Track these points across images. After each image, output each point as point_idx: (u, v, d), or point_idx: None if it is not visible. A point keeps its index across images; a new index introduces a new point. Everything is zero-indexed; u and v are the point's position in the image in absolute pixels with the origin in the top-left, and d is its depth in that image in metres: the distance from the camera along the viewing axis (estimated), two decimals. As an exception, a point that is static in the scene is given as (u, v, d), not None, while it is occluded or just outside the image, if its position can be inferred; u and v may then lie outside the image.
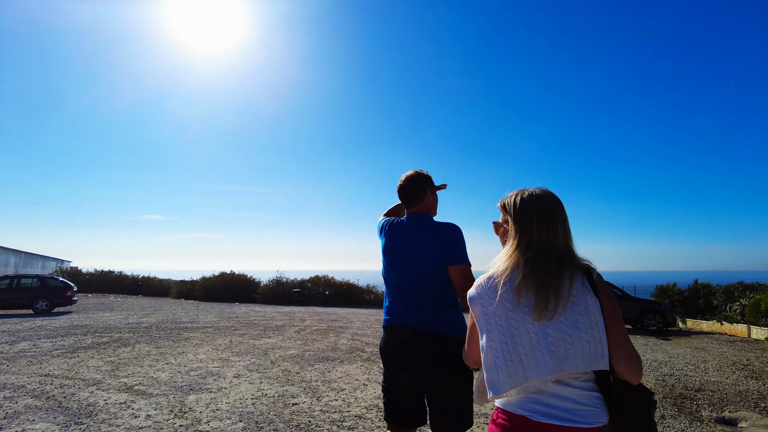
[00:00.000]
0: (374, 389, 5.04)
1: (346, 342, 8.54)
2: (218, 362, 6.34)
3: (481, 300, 1.27)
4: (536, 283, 1.21)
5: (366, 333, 9.97)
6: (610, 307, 1.22)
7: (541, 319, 1.18)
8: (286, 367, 6.08)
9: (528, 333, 1.19)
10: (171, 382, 5.12)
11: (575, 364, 1.16)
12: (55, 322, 11.12)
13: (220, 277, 24.85)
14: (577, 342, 1.16)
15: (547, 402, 1.18)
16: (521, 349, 1.18)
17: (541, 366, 1.16)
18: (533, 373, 1.16)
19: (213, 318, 12.90)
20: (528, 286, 1.22)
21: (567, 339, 1.17)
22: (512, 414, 1.22)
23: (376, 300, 22.86)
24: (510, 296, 1.23)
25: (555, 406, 1.17)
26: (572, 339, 1.17)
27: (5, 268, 29.95)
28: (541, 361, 1.16)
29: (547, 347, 1.17)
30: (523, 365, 1.17)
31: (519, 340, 1.19)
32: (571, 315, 1.19)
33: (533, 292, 1.21)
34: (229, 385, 5.10)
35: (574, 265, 1.26)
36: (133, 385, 5.00)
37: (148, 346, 7.68)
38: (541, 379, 1.16)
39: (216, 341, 8.32)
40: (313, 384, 5.22)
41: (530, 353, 1.17)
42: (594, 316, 1.19)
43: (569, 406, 1.17)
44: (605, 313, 1.21)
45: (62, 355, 6.72)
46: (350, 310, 17.92)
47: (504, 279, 1.25)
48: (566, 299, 1.20)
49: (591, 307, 1.20)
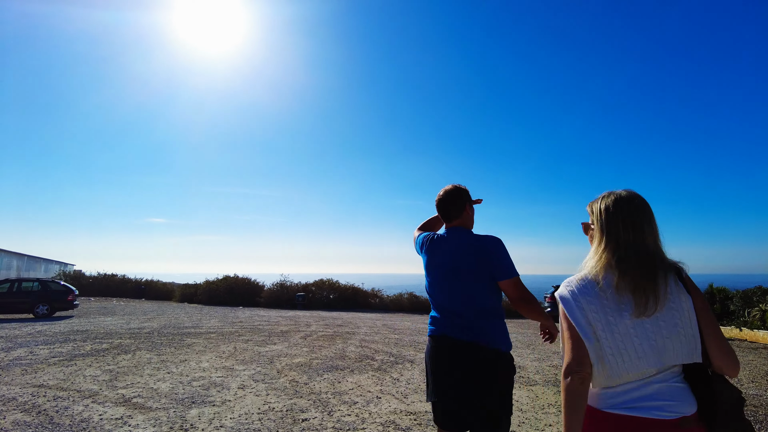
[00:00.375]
0: (389, 403, 4.70)
1: (354, 349, 8.19)
2: (222, 371, 6.02)
3: (576, 301, 1.33)
4: (633, 283, 1.28)
5: (374, 339, 9.62)
6: (701, 304, 1.30)
7: (640, 317, 1.25)
8: (293, 377, 5.75)
9: (627, 329, 1.26)
10: (172, 394, 4.80)
11: (674, 357, 1.25)
12: (54, 327, 10.84)
13: (223, 281, 24.57)
14: (675, 337, 1.24)
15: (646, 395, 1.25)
16: (622, 344, 1.25)
17: (643, 359, 1.24)
18: (635, 365, 1.24)
19: (216, 323, 12.58)
20: (625, 285, 1.28)
21: (665, 334, 1.25)
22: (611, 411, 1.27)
23: (381, 304, 22.52)
24: (608, 296, 1.30)
25: (653, 398, 1.24)
26: (669, 334, 1.24)
27: (7, 272, 29.79)
28: (642, 355, 1.24)
29: (647, 342, 1.24)
30: (624, 359, 1.24)
31: (619, 336, 1.26)
32: (668, 312, 1.26)
33: (631, 292, 1.27)
34: (233, 397, 4.77)
35: (666, 265, 1.32)
36: (132, 397, 4.68)
37: (149, 353, 7.36)
38: (642, 371, 1.25)
39: (219, 348, 8.00)
40: (323, 396, 4.88)
41: (631, 348, 1.25)
42: (688, 313, 1.26)
43: (665, 397, 1.24)
44: (698, 310, 1.28)
45: (59, 363, 6.42)
46: (356, 315, 17.58)
47: (600, 279, 1.32)
48: (663, 298, 1.26)
49: (685, 305, 1.27)
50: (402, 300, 22.14)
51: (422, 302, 21.68)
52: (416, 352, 8.07)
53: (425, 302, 21.62)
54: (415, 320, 15.59)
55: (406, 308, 21.58)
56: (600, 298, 1.29)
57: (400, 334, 10.64)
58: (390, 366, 6.66)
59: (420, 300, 21.85)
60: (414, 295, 22.21)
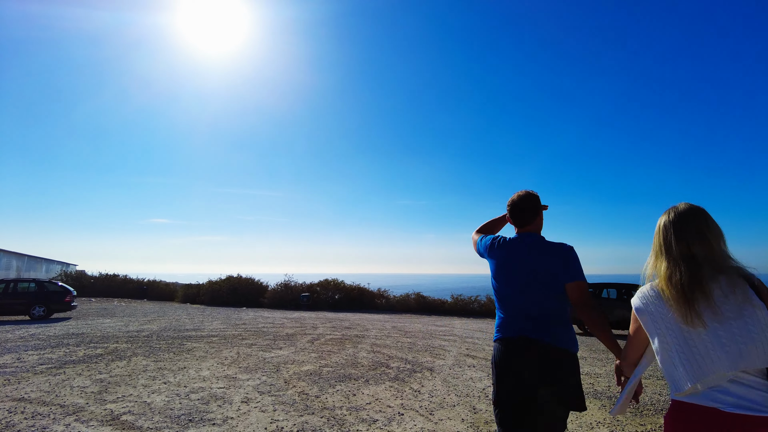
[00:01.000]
0: (413, 421, 4.13)
1: (366, 355, 7.62)
2: (224, 381, 5.46)
3: (648, 308, 1.45)
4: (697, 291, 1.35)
5: (386, 344, 9.04)
6: None
7: (705, 326, 1.32)
8: (302, 388, 5.18)
9: (699, 335, 1.32)
10: (166, 410, 4.25)
11: (750, 362, 1.28)
12: (49, 330, 10.33)
13: (226, 281, 24.04)
14: (750, 342, 1.28)
15: (731, 392, 1.30)
16: (695, 349, 1.32)
17: (716, 363, 1.29)
18: (709, 369, 1.29)
19: (219, 325, 12.04)
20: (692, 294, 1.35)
21: (739, 340, 1.29)
22: (698, 405, 1.32)
23: (388, 305, 21.93)
24: (677, 306, 1.37)
25: (737, 396, 1.29)
26: (744, 340, 1.28)
27: (6, 272, 29.37)
28: (716, 359, 1.29)
29: (721, 347, 1.29)
30: (698, 363, 1.31)
31: (692, 341, 1.33)
32: (740, 319, 1.30)
33: (698, 299, 1.34)
34: (236, 413, 4.21)
35: (734, 273, 1.38)
36: (121, 413, 4.12)
37: (145, 359, 6.82)
38: (718, 374, 1.29)
39: (222, 353, 7.45)
40: (338, 413, 4.31)
41: (704, 352, 1.31)
42: (763, 319, 1.30)
43: (749, 396, 1.28)
44: None
45: (47, 371, 5.88)
46: (363, 316, 17.00)
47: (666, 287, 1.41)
48: (734, 304, 1.32)
49: (759, 312, 1.31)
50: (409, 300, 21.53)
51: (430, 303, 21.09)
52: (433, 358, 7.49)
53: (433, 303, 21.02)
54: (424, 322, 15.00)
55: (414, 309, 20.97)
56: (669, 307, 1.39)
57: (412, 338, 10.05)
58: (408, 375, 6.08)
59: (427, 301, 21.25)
60: (421, 295, 21.60)
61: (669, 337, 1.36)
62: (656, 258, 1.49)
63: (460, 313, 19.77)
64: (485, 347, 8.99)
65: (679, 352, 1.33)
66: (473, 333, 11.74)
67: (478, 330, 12.62)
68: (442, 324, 14.32)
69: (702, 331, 1.31)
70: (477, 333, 11.77)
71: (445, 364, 7.00)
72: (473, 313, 19.79)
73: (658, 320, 1.39)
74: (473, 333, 11.74)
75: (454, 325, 14.19)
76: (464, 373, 6.35)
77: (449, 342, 9.64)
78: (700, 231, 1.43)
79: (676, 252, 1.43)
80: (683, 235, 1.44)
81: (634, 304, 1.49)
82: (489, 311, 19.78)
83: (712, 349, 1.29)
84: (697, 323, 1.31)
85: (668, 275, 1.41)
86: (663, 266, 1.44)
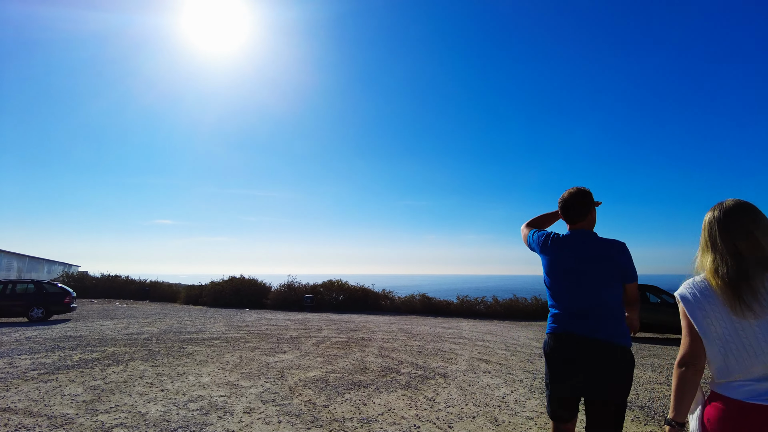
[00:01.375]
0: (431, 435, 3.77)
1: (374, 359, 7.26)
2: (225, 388, 5.12)
3: (697, 301, 1.44)
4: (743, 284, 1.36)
5: (394, 347, 8.67)
6: None
7: (756, 316, 1.33)
8: (309, 397, 4.83)
9: (751, 327, 1.33)
10: (162, 422, 3.90)
11: None
12: (46, 333, 10.02)
13: (229, 282, 23.74)
14: None
15: None
16: (745, 340, 1.34)
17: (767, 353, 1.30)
18: (758, 359, 1.31)
19: (221, 327, 11.70)
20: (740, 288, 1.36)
21: None
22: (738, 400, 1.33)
23: (393, 306, 21.55)
24: (725, 297, 1.38)
25: None
26: None
27: (8, 273, 29.15)
28: (761, 352, 1.31)
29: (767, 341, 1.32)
30: (747, 352, 1.32)
31: (742, 332, 1.34)
32: None
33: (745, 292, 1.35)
34: (238, 426, 3.87)
35: None
36: (112, 426, 3.78)
37: (143, 364, 6.49)
38: (765, 365, 1.30)
39: (223, 357, 7.11)
40: (348, 425, 3.96)
41: (755, 343, 1.32)
42: None
43: None
44: None
45: (38, 377, 5.55)
46: (368, 318, 16.63)
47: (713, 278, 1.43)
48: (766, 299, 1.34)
49: None
50: (414, 301, 21.15)
51: (435, 304, 20.70)
52: (445, 363, 7.12)
53: (438, 304, 20.64)
54: (432, 324, 14.62)
55: (419, 310, 20.60)
56: (717, 298, 1.40)
57: (421, 341, 9.69)
58: (420, 382, 5.72)
59: (433, 302, 20.87)
60: (426, 296, 21.22)
61: (719, 327, 1.38)
62: (702, 253, 1.50)
63: (467, 315, 19.39)
64: (498, 351, 8.62)
65: (729, 342, 1.35)
66: (483, 336, 11.35)
67: (487, 332, 12.23)
68: (449, 326, 13.94)
69: (753, 321, 1.33)
70: (487, 336, 11.38)
71: (458, 369, 6.63)
72: (480, 315, 19.41)
73: (707, 308, 1.41)
74: (483, 336, 11.35)
75: (462, 327, 13.80)
76: (480, 379, 5.98)
77: (459, 345, 9.26)
78: (746, 227, 1.43)
79: (721, 248, 1.45)
80: (728, 232, 1.45)
81: (680, 294, 1.50)
82: (495, 313, 19.39)
83: (762, 339, 1.31)
84: (747, 314, 1.33)
85: (714, 268, 1.43)
86: (709, 259, 1.46)
